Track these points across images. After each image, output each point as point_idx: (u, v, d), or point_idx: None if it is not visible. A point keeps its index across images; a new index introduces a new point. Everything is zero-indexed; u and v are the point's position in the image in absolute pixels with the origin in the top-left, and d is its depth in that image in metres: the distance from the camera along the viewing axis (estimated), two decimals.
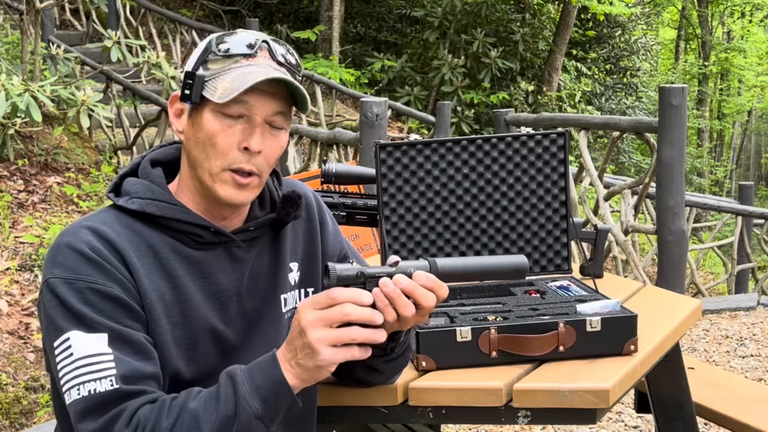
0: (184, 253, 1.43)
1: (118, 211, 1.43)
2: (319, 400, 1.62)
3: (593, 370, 1.63)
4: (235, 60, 1.39)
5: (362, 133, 5.38)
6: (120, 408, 1.29)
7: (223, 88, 1.36)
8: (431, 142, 2.07)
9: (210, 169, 1.39)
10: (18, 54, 7.68)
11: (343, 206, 2.14)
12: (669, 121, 5.39)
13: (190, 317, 1.41)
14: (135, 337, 1.34)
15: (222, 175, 1.39)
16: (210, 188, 1.40)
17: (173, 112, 1.45)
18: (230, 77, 1.37)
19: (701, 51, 24.50)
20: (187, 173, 1.45)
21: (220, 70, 1.38)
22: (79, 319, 1.32)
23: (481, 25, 12.20)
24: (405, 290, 1.31)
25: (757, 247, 9.03)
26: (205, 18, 12.74)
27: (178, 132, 1.45)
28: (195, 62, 1.42)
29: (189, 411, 1.28)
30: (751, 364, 4.78)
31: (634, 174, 14.03)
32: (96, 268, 1.34)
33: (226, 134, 1.38)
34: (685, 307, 2.03)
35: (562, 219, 2.10)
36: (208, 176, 1.40)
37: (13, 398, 4.34)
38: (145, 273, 1.38)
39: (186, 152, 1.44)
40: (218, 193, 1.40)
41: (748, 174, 29.87)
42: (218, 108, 1.37)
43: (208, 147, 1.38)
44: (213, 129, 1.38)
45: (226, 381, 1.31)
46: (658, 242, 5.63)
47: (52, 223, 6.12)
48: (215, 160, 1.38)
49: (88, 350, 1.31)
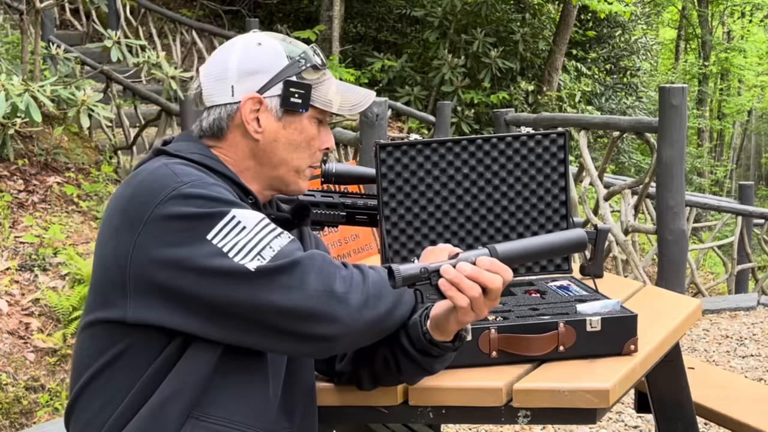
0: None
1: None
2: (319, 400, 1.62)
3: (593, 370, 1.63)
4: (323, 72, 1.57)
5: (362, 133, 5.39)
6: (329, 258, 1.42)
7: (339, 102, 1.56)
8: (431, 142, 2.07)
9: (299, 167, 1.57)
10: (18, 54, 7.68)
11: (343, 206, 2.13)
12: (669, 121, 5.39)
13: None
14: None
15: (306, 171, 1.59)
16: (290, 182, 1.58)
17: (251, 115, 1.52)
18: (334, 89, 1.56)
19: (701, 51, 24.50)
20: (244, 163, 1.54)
21: (318, 80, 1.55)
22: (232, 203, 1.39)
23: (481, 25, 12.20)
24: (470, 276, 1.38)
25: (757, 247, 9.03)
26: (205, 18, 12.73)
27: (256, 132, 1.52)
28: (284, 69, 1.52)
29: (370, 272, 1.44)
30: (751, 364, 4.78)
31: (634, 174, 14.02)
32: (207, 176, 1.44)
33: (319, 138, 1.58)
34: (685, 307, 2.03)
35: (562, 219, 2.10)
36: (294, 173, 1.57)
37: (13, 398, 4.34)
38: None
39: (264, 150, 1.54)
40: (301, 186, 1.59)
41: (748, 174, 29.86)
42: (317, 114, 1.55)
43: (303, 148, 1.55)
44: (313, 133, 1.56)
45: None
46: (658, 242, 5.63)
47: (52, 223, 6.12)
48: (306, 159, 1.57)
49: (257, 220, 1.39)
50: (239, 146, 1.53)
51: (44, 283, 5.36)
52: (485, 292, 1.37)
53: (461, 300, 1.36)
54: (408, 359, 1.51)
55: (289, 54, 1.53)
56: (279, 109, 1.52)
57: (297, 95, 1.51)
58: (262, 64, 1.51)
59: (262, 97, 1.51)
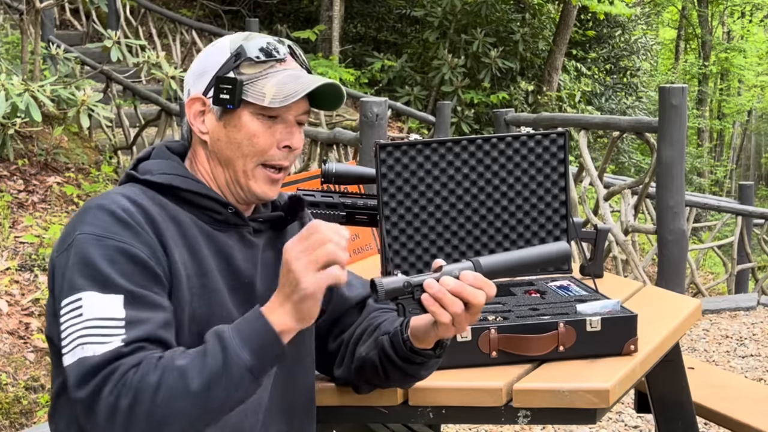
0: (205, 230, 1.46)
1: (142, 185, 1.46)
2: (319, 400, 1.62)
3: (593, 370, 1.63)
4: (270, 65, 1.47)
5: (362, 133, 5.39)
6: (114, 366, 1.27)
7: (272, 94, 1.44)
8: (431, 142, 2.07)
9: (244, 167, 1.47)
10: (18, 54, 7.68)
11: (343, 206, 2.14)
12: (669, 121, 5.39)
13: (209, 291, 1.43)
14: (152, 300, 1.34)
15: (256, 171, 1.47)
16: (244, 186, 1.48)
17: (194, 113, 1.49)
18: (274, 82, 1.45)
19: (701, 51, 24.49)
20: (210, 170, 1.50)
21: (257, 74, 1.46)
22: (99, 278, 1.32)
23: (481, 25, 12.20)
24: (453, 291, 1.34)
25: (757, 247, 9.02)
26: (205, 18, 12.73)
27: (202, 133, 1.49)
28: (222, 67, 1.47)
29: (176, 368, 1.26)
30: (751, 364, 4.78)
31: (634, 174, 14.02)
32: (127, 229, 1.36)
33: (267, 135, 1.47)
34: (685, 307, 2.03)
35: (562, 219, 2.10)
36: (243, 174, 1.47)
37: (13, 398, 4.34)
38: (172, 241, 1.40)
39: (213, 151, 1.49)
40: (253, 189, 1.48)
41: (748, 174, 29.86)
42: (260, 111, 1.45)
43: (245, 146, 1.46)
44: (254, 130, 1.46)
45: (213, 337, 1.30)
46: (658, 242, 5.63)
47: (52, 223, 6.12)
48: (251, 158, 1.46)
49: (100, 313, 1.30)
50: (199, 151, 1.51)
51: (44, 283, 5.36)
52: (467, 307, 1.35)
53: (443, 316, 1.34)
54: (393, 367, 1.52)
55: (231, 50, 1.48)
56: (218, 108, 1.47)
57: (225, 91, 1.45)
58: (207, 65, 1.49)
59: (205, 98, 1.48)
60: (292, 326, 1.30)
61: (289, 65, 1.48)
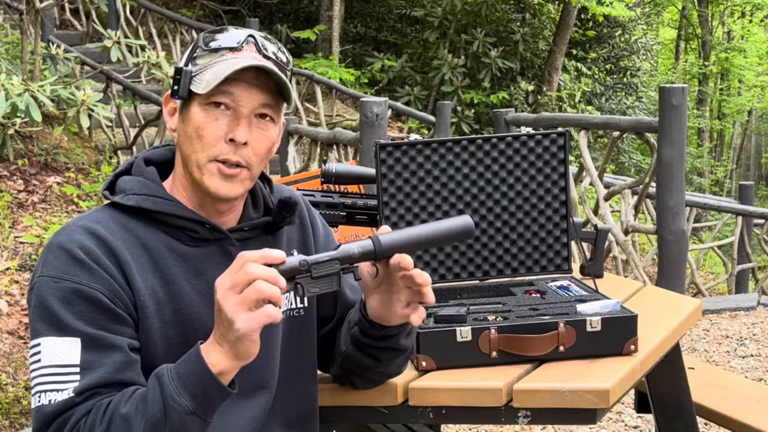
0: (179, 251, 1.43)
1: (113, 209, 1.44)
2: (319, 401, 1.62)
3: (593, 370, 1.63)
4: (221, 54, 1.41)
5: (362, 133, 5.39)
6: (66, 416, 1.29)
7: (206, 80, 1.38)
8: (431, 142, 2.07)
9: (197, 162, 1.40)
10: (18, 54, 7.68)
11: (343, 206, 2.13)
12: (669, 121, 5.39)
13: (184, 316, 1.41)
14: (110, 342, 1.33)
15: (208, 166, 1.40)
16: (199, 181, 1.41)
17: (167, 111, 1.47)
18: (215, 69, 1.38)
19: (701, 51, 24.49)
20: (181, 170, 1.46)
21: (207, 64, 1.41)
22: (55, 322, 1.32)
23: (481, 25, 12.20)
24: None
25: (757, 247, 9.02)
26: (205, 18, 12.74)
27: (171, 130, 1.47)
28: (185, 59, 1.45)
29: (121, 416, 1.27)
30: (751, 364, 4.78)
31: (634, 174, 14.02)
32: (83, 269, 1.34)
33: (212, 126, 1.39)
34: (685, 307, 2.03)
35: (562, 219, 2.10)
36: (196, 168, 1.41)
37: (13, 398, 4.34)
38: (138, 271, 1.38)
39: (179, 149, 1.46)
40: (206, 185, 1.40)
41: (748, 174, 29.86)
42: (204, 100, 1.39)
43: (194, 140, 1.40)
44: (199, 121, 1.39)
45: (153, 382, 1.29)
46: (658, 242, 5.63)
47: (52, 223, 6.12)
48: (201, 152, 1.39)
49: (56, 359, 1.31)
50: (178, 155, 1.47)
51: None
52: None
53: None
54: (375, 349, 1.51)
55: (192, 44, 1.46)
56: (177, 102, 1.44)
57: (176, 82, 1.41)
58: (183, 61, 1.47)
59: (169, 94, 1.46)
60: (231, 366, 1.27)
61: (243, 54, 1.40)
